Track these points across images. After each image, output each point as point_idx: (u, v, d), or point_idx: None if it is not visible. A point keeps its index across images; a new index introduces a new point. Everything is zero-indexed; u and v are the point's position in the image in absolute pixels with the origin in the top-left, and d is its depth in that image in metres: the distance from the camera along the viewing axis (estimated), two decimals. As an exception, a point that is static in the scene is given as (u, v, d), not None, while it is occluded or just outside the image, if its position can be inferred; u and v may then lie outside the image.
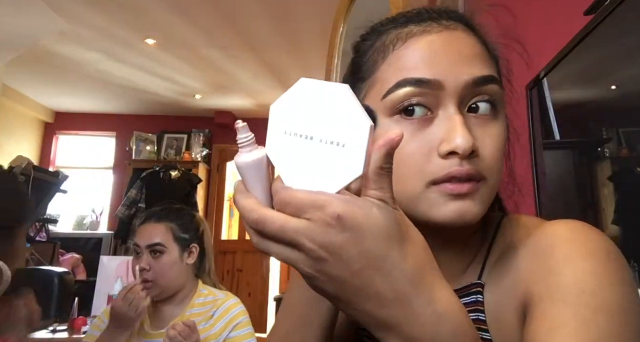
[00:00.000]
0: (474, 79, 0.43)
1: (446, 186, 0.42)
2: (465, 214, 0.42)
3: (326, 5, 2.64)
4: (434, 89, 0.43)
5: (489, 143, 0.43)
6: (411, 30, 0.46)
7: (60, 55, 3.71)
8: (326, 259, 0.31)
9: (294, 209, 0.32)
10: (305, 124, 0.33)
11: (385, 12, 1.41)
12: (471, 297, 0.46)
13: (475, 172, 0.42)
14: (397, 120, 0.44)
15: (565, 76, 0.90)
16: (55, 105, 5.13)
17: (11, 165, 2.73)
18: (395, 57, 0.46)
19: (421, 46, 0.45)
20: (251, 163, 0.36)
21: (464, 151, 0.41)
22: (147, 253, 1.34)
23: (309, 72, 3.98)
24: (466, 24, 0.48)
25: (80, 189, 4.85)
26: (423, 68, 0.43)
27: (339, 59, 1.86)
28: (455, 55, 0.44)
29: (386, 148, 0.31)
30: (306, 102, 0.34)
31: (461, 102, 0.44)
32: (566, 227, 0.43)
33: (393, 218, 0.32)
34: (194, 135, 5.11)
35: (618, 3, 0.69)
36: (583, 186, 0.88)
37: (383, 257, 0.31)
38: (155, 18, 3.07)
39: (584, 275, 0.37)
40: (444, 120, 0.43)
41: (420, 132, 0.43)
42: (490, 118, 0.45)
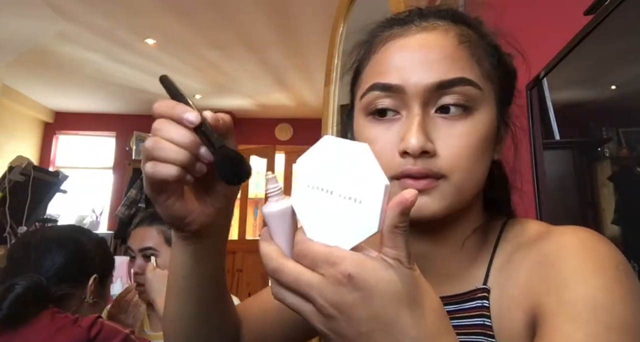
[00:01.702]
0: (434, 83, 0.44)
1: (405, 181, 0.44)
2: (424, 209, 0.44)
3: (326, 5, 2.64)
4: (397, 93, 0.45)
5: (452, 142, 0.45)
6: (391, 34, 0.49)
7: (60, 56, 3.71)
8: (336, 317, 0.31)
9: (310, 262, 0.32)
10: (327, 179, 0.35)
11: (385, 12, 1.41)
12: (476, 302, 0.46)
13: (427, 171, 0.44)
14: (370, 120, 0.48)
15: (565, 76, 0.90)
16: (55, 105, 5.13)
17: (11, 165, 2.73)
18: (374, 61, 0.49)
19: (393, 50, 0.47)
20: (277, 213, 0.37)
21: (413, 151, 0.43)
22: (140, 257, 1.34)
23: (309, 72, 3.98)
24: (458, 22, 0.48)
25: (80, 189, 4.85)
26: (390, 73, 0.46)
27: (339, 59, 1.86)
28: (423, 57, 0.45)
29: (400, 208, 0.31)
30: (328, 158, 0.35)
31: (426, 103, 0.45)
32: (575, 236, 0.43)
33: (406, 280, 0.31)
34: (194, 136, 5.10)
35: (618, 3, 0.69)
36: (583, 185, 0.88)
37: (392, 322, 0.31)
38: (155, 18, 3.07)
39: (595, 290, 0.37)
40: (405, 120, 0.46)
41: (387, 132, 0.46)
42: (459, 118, 0.45)
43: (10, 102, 4.46)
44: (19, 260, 1.05)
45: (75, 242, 1.10)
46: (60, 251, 1.05)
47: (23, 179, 2.71)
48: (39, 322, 0.93)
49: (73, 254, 1.08)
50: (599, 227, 0.77)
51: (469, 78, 0.45)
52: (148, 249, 1.33)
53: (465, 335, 0.45)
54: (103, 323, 0.96)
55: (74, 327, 0.93)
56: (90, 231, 1.21)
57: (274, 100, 4.84)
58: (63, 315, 0.96)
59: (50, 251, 1.05)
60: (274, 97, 4.74)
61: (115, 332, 0.96)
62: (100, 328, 0.94)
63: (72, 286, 1.05)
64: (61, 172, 3.18)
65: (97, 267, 1.12)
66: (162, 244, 1.35)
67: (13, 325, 0.92)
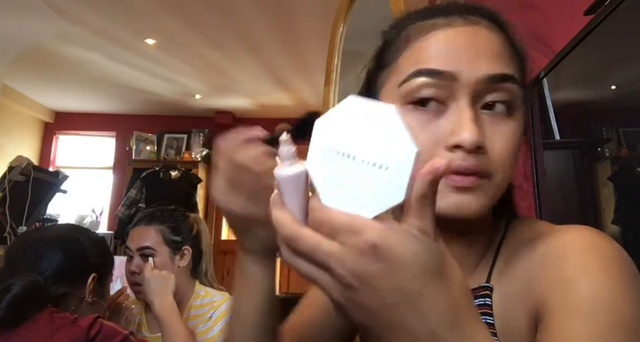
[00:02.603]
0: (490, 75, 0.43)
1: (451, 177, 0.42)
2: (465, 208, 0.42)
3: (326, 5, 2.64)
4: (447, 81, 0.43)
5: (499, 141, 0.43)
6: (435, 23, 0.46)
7: (61, 56, 3.71)
8: (357, 288, 0.30)
9: (329, 230, 0.31)
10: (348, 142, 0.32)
11: (386, 12, 1.41)
12: (479, 300, 0.46)
13: (477, 168, 0.42)
14: (409, 109, 0.45)
15: (565, 76, 0.90)
16: (55, 105, 5.13)
17: (11, 165, 2.73)
18: (415, 48, 0.46)
19: (441, 38, 0.45)
20: (291, 177, 0.35)
21: (469, 145, 0.41)
22: (137, 256, 1.33)
23: (309, 72, 3.98)
24: (494, 21, 0.47)
25: (80, 189, 4.85)
26: (439, 60, 0.44)
27: (338, 59, 1.86)
28: (474, 50, 0.44)
29: (431, 176, 0.30)
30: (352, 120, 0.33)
31: (475, 97, 0.43)
32: (579, 235, 0.42)
33: (432, 252, 0.30)
34: (194, 136, 5.11)
35: (618, 3, 0.69)
36: (583, 185, 0.88)
37: (418, 295, 0.30)
38: (155, 18, 3.07)
39: (599, 287, 0.37)
40: (454, 113, 0.43)
41: (430, 124, 0.44)
42: (504, 117, 0.44)
43: (10, 102, 4.46)
44: (17, 260, 1.04)
45: (74, 242, 1.10)
46: (58, 251, 1.05)
47: (23, 179, 2.71)
48: (37, 322, 0.92)
49: (71, 253, 1.07)
50: (599, 227, 0.77)
51: (516, 77, 0.45)
52: (146, 249, 1.33)
53: None
54: (102, 323, 0.96)
55: (73, 327, 0.93)
56: (89, 230, 1.20)
57: (274, 100, 4.84)
58: (62, 315, 0.96)
59: (48, 251, 1.04)
60: (274, 97, 4.74)
61: (114, 333, 0.96)
62: (99, 328, 0.94)
63: (70, 285, 1.05)
64: (61, 172, 3.18)
65: (96, 266, 1.12)
66: (160, 243, 1.35)
67: (10, 325, 0.91)
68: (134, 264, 1.33)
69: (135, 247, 1.34)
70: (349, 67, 1.85)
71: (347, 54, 1.85)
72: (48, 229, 1.19)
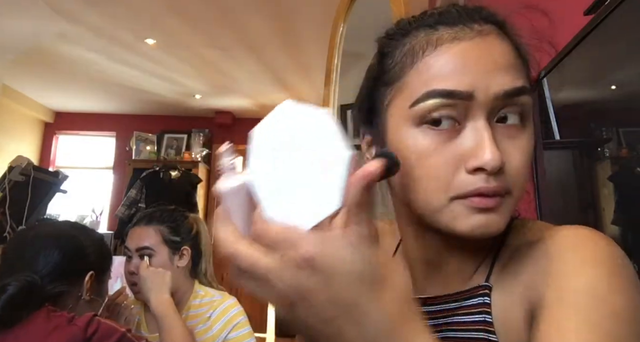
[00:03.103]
0: (505, 91, 0.42)
1: (472, 200, 0.41)
2: (489, 228, 0.42)
3: (326, 5, 2.63)
4: (463, 100, 0.41)
5: (515, 156, 0.42)
6: (442, 35, 0.44)
7: (61, 56, 3.71)
8: (296, 303, 0.29)
9: (269, 244, 0.30)
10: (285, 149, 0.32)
11: (385, 12, 1.41)
12: (478, 299, 0.46)
13: (502, 189, 0.41)
14: (423, 130, 0.43)
15: (565, 76, 0.90)
16: (55, 105, 5.13)
17: (11, 165, 2.73)
18: (425, 65, 0.43)
19: (453, 54, 0.42)
20: (232, 189, 0.34)
21: (492, 168, 0.40)
22: (136, 256, 1.33)
23: (309, 72, 3.98)
24: (500, 26, 0.46)
25: (80, 189, 4.85)
26: (454, 78, 0.42)
27: (338, 59, 1.86)
28: (488, 65, 0.42)
29: (365, 181, 0.30)
30: (287, 126, 0.32)
31: (490, 113, 0.42)
32: (575, 233, 0.43)
33: (368, 260, 0.30)
34: (194, 135, 5.11)
35: (618, 3, 0.69)
36: (583, 185, 0.88)
37: (354, 305, 0.29)
38: (155, 18, 3.07)
39: (593, 280, 0.37)
40: (472, 133, 0.42)
41: (446, 144, 0.42)
42: (518, 129, 0.43)
43: (10, 102, 4.45)
44: (13, 258, 1.03)
45: (71, 239, 1.08)
46: (55, 249, 1.03)
47: (23, 179, 2.71)
48: (34, 321, 0.92)
49: (69, 251, 1.05)
50: (599, 227, 0.77)
51: (529, 88, 0.44)
52: (145, 249, 1.33)
53: (468, 331, 0.46)
54: (100, 322, 0.95)
55: (70, 326, 0.92)
56: (87, 227, 1.19)
57: (274, 100, 4.83)
58: (59, 314, 0.95)
59: (45, 249, 1.02)
60: (274, 97, 4.74)
61: (112, 331, 0.95)
62: (97, 327, 0.93)
63: (68, 283, 1.03)
64: (61, 172, 3.18)
65: (94, 264, 1.10)
66: (160, 243, 1.35)
67: (7, 325, 0.90)
68: (132, 264, 1.33)
69: (135, 247, 1.34)
70: (349, 67, 1.85)
71: (347, 54, 1.85)
72: (45, 226, 1.17)
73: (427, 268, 0.51)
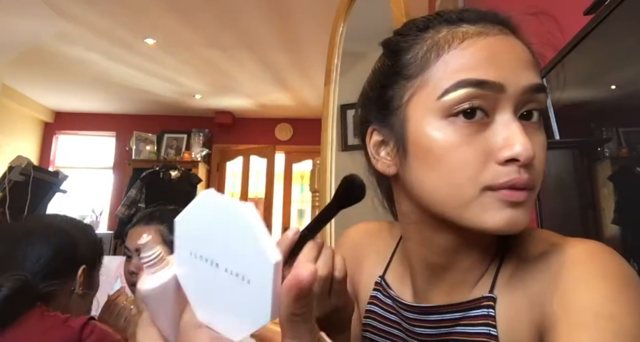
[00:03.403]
0: (531, 85, 0.42)
1: (504, 193, 0.41)
2: (518, 223, 0.41)
3: (326, 5, 2.63)
4: (494, 92, 0.41)
5: (539, 152, 0.42)
6: (467, 30, 0.44)
7: (60, 55, 3.71)
8: None
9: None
10: (209, 247, 0.29)
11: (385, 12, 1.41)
12: (482, 310, 0.45)
13: (532, 182, 0.41)
14: (452, 121, 0.42)
15: (565, 76, 0.90)
16: (55, 105, 5.13)
17: (11, 165, 2.73)
18: (452, 57, 0.43)
19: (481, 47, 0.42)
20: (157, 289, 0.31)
21: (526, 159, 0.40)
22: (136, 256, 1.33)
23: (309, 72, 3.98)
24: (512, 30, 0.46)
25: (80, 189, 4.85)
26: (485, 69, 0.41)
27: (338, 59, 1.86)
28: (515, 61, 0.43)
29: (295, 292, 0.27)
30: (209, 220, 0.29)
31: (516, 108, 0.42)
32: (584, 248, 0.42)
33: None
34: (193, 135, 5.11)
35: (618, 3, 0.69)
36: (583, 185, 0.88)
37: None
38: (155, 18, 3.07)
39: (601, 298, 0.37)
40: (502, 125, 0.42)
41: (476, 136, 0.42)
42: (538, 126, 0.44)
43: (10, 102, 4.46)
44: (3, 256, 0.98)
45: (62, 233, 1.03)
46: (46, 245, 0.99)
47: (23, 179, 2.71)
48: (27, 322, 0.89)
49: (60, 246, 1.01)
50: (599, 227, 0.77)
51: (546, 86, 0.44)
52: None
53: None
54: (95, 325, 0.92)
55: (64, 327, 0.89)
56: (75, 219, 1.14)
57: (274, 100, 4.84)
58: (52, 314, 0.92)
59: (35, 244, 0.98)
60: (274, 97, 4.74)
61: (107, 336, 0.92)
62: (92, 330, 0.90)
63: (60, 279, 0.99)
64: (61, 172, 3.18)
65: (85, 257, 1.06)
66: (159, 243, 1.34)
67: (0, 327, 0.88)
68: (133, 264, 1.33)
69: (134, 247, 1.34)
70: (348, 66, 1.85)
71: (347, 53, 1.85)
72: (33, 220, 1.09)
73: (430, 273, 0.51)
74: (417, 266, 0.52)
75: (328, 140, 1.80)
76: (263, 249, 0.26)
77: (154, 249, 0.32)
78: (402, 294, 0.54)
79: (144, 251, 0.31)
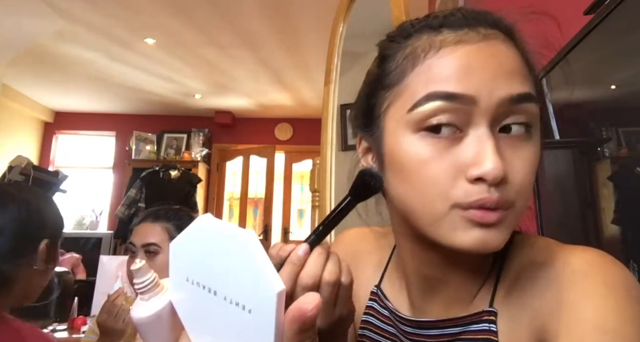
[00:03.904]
0: (510, 96, 0.39)
1: (472, 213, 0.39)
2: (489, 243, 0.39)
3: (326, 5, 2.63)
4: (465, 105, 0.39)
5: (519, 167, 0.40)
6: (446, 38, 0.41)
7: (60, 55, 3.71)
8: None
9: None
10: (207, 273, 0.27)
11: (385, 12, 1.41)
12: (483, 325, 0.44)
13: (504, 201, 0.39)
14: (422, 136, 0.40)
15: (565, 76, 0.90)
16: (55, 105, 5.13)
17: (11, 165, 2.73)
18: (426, 67, 0.41)
19: (456, 57, 0.40)
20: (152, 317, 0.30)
21: (494, 178, 0.37)
22: (142, 253, 1.33)
23: (309, 71, 3.98)
24: (506, 32, 0.43)
25: (80, 189, 4.85)
26: (456, 81, 0.39)
27: (338, 58, 1.86)
28: (493, 69, 0.40)
29: (299, 325, 0.26)
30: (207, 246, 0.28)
31: (494, 121, 0.40)
32: (585, 258, 0.41)
33: None
34: (193, 135, 5.11)
35: (618, 3, 0.69)
36: (583, 185, 0.88)
37: None
38: (155, 18, 3.07)
39: (603, 312, 0.36)
40: (474, 140, 0.39)
41: (447, 152, 0.40)
42: (523, 139, 0.41)
43: (10, 102, 4.45)
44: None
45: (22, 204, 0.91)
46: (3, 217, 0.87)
47: (23, 179, 2.71)
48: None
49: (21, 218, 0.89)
50: (598, 227, 0.77)
51: (533, 93, 0.41)
52: (152, 245, 1.32)
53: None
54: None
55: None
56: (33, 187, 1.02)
57: (274, 100, 4.84)
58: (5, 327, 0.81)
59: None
60: (274, 96, 4.74)
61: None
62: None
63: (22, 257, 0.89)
64: (61, 172, 3.18)
65: (49, 229, 0.94)
66: (165, 241, 1.34)
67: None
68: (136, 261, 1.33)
69: (141, 243, 1.33)
70: (348, 66, 1.85)
71: (347, 53, 1.85)
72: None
73: (426, 285, 0.49)
74: (412, 277, 0.51)
75: (328, 140, 1.80)
76: (266, 278, 0.25)
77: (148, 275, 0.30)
78: (398, 305, 0.53)
79: (137, 276, 0.30)
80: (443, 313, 0.48)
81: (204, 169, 5.03)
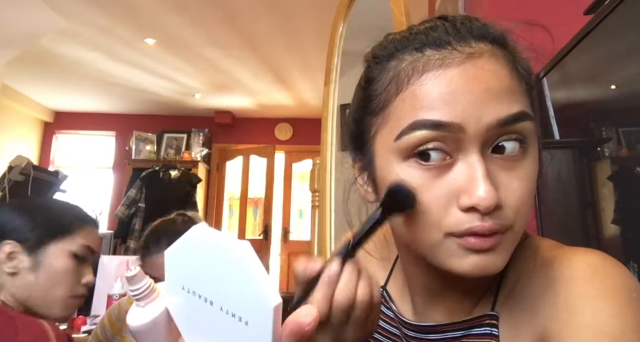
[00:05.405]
0: (499, 120, 0.38)
1: (468, 240, 0.38)
2: (487, 268, 0.39)
3: (326, 4, 2.63)
4: (452, 133, 0.38)
5: (515, 188, 0.39)
6: (428, 60, 0.40)
7: (60, 55, 3.71)
8: None
9: None
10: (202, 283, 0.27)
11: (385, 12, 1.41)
12: (484, 328, 0.44)
13: (499, 227, 0.38)
14: (411, 164, 0.40)
15: (565, 76, 0.90)
16: (55, 105, 5.13)
17: (11, 165, 2.73)
18: (410, 93, 0.40)
19: (439, 83, 0.38)
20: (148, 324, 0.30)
21: (486, 208, 0.36)
22: None
23: (309, 71, 3.98)
24: (496, 42, 0.41)
25: (80, 188, 4.85)
26: (441, 109, 0.38)
27: (338, 58, 1.86)
28: (479, 93, 0.38)
29: (295, 338, 0.26)
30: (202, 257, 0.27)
31: (484, 144, 0.39)
32: (587, 261, 0.40)
33: None
34: (193, 135, 5.11)
35: (618, 3, 0.69)
36: (583, 185, 0.88)
37: None
38: (155, 18, 3.07)
39: (604, 316, 0.36)
40: (464, 167, 0.38)
41: (437, 180, 0.39)
42: (517, 158, 0.39)
43: (10, 102, 4.45)
44: None
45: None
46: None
47: (23, 179, 2.71)
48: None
49: None
50: (598, 227, 0.77)
51: (527, 111, 0.39)
52: None
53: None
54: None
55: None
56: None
57: (274, 99, 4.84)
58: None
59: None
60: (274, 96, 4.74)
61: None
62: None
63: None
64: (61, 172, 3.18)
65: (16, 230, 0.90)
66: None
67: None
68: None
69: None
70: (349, 66, 1.85)
71: (347, 53, 1.85)
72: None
73: (428, 293, 0.49)
74: (415, 285, 0.51)
75: (328, 140, 1.80)
76: (262, 291, 0.25)
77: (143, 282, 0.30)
78: (402, 309, 0.53)
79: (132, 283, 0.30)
80: (445, 318, 0.48)
81: (204, 169, 5.03)
